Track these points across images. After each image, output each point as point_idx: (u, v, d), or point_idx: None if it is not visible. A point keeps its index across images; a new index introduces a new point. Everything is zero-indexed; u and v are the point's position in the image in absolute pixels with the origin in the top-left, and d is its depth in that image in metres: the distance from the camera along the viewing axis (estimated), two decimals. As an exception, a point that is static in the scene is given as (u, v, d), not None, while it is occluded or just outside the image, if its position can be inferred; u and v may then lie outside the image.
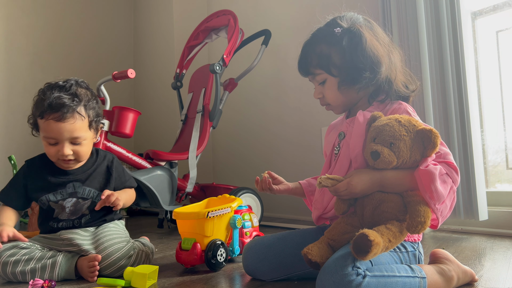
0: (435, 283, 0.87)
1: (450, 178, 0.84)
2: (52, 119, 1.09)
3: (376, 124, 0.89)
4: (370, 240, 0.75)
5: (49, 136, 1.11)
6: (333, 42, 0.99)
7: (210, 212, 1.16)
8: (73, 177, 1.19)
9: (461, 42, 1.56)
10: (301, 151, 2.27)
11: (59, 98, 1.09)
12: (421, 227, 0.80)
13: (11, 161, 2.20)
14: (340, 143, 1.02)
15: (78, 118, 1.11)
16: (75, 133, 1.11)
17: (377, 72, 0.96)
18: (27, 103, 2.89)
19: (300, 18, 2.30)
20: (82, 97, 1.14)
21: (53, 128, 1.09)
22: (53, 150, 1.12)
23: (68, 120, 1.09)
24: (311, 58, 1.02)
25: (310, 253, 0.87)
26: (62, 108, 1.09)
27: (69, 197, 1.17)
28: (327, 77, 1.01)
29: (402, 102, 0.98)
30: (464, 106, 1.56)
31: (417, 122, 0.87)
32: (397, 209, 0.85)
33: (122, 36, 3.32)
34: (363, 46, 0.96)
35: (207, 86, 2.06)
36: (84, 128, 1.14)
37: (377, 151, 0.85)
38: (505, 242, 1.43)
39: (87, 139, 1.16)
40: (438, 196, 0.81)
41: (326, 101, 1.05)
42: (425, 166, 0.83)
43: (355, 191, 0.86)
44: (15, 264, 1.07)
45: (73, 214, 1.19)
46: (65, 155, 1.12)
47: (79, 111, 1.12)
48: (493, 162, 1.76)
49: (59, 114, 1.08)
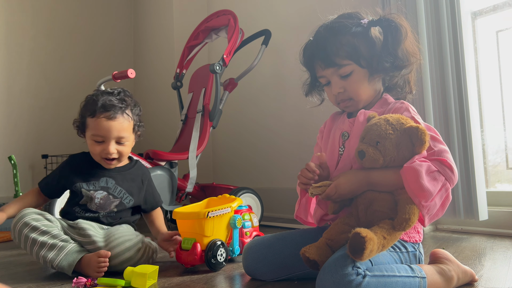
0: (435, 283, 0.87)
1: (442, 176, 0.83)
2: (103, 117, 1.19)
3: (367, 124, 0.91)
4: (362, 237, 0.75)
5: (98, 134, 1.20)
6: (360, 33, 0.97)
7: (210, 212, 1.16)
8: (108, 173, 1.27)
9: (461, 42, 1.56)
10: (301, 151, 2.27)
11: (110, 100, 1.21)
12: (406, 224, 0.80)
13: (11, 161, 2.20)
14: (344, 143, 1.02)
15: (126, 118, 1.23)
16: (122, 132, 1.21)
17: (411, 65, 0.97)
18: (27, 103, 2.88)
19: (300, 18, 2.30)
20: (129, 102, 1.26)
21: (104, 126, 1.19)
22: (99, 148, 1.21)
23: (117, 119, 1.20)
24: (336, 49, 0.97)
25: (308, 251, 0.88)
26: (113, 108, 1.20)
27: (100, 189, 1.24)
28: (355, 69, 0.98)
29: (404, 101, 0.98)
30: (464, 106, 1.56)
31: (407, 120, 0.87)
32: (388, 207, 0.86)
33: (122, 36, 3.32)
34: (403, 37, 0.96)
35: (207, 86, 2.06)
36: (129, 129, 1.24)
37: (363, 150, 0.87)
38: (505, 242, 1.43)
39: (130, 140, 1.26)
40: (424, 193, 0.80)
41: (348, 95, 1.00)
42: (410, 163, 0.83)
43: (344, 193, 0.88)
44: (32, 230, 1.12)
45: (101, 208, 1.23)
46: (110, 153, 1.21)
47: (128, 113, 1.24)
48: (493, 162, 1.76)
49: (110, 113, 1.19)
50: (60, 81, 2.88)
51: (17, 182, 2.20)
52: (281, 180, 2.38)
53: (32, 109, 2.72)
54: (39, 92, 2.80)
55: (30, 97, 2.75)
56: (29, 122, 2.71)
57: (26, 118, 2.72)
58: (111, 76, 1.73)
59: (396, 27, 0.96)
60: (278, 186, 2.39)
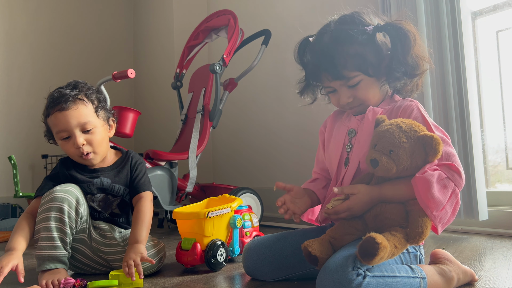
0: (435, 284, 0.87)
1: (452, 182, 0.82)
2: (57, 111, 1.12)
3: (378, 129, 0.88)
4: (377, 243, 0.74)
5: (59, 130, 1.13)
6: (366, 41, 0.94)
7: (210, 212, 1.16)
8: (101, 174, 1.21)
9: (461, 42, 1.56)
10: (301, 151, 2.27)
11: (59, 92, 1.14)
12: (419, 238, 0.80)
13: (11, 161, 2.19)
14: (351, 140, 1.02)
15: (80, 103, 1.14)
16: (81, 118, 1.12)
17: (421, 69, 0.96)
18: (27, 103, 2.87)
19: (300, 18, 2.30)
20: (81, 88, 1.17)
21: (59, 119, 1.11)
22: (69, 145, 1.14)
23: (71, 107, 1.12)
24: (344, 60, 0.94)
25: (310, 246, 0.87)
26: (63, 97, 1.12)
27: (97, 192, 1.19)
28: (363, 78, 0.95)
29: (413, 100, 0.97)
30: (464, 106, 1.55)
31: (419, 127, 0.86)
32: (400, 215, 0.85)
33: (122, 36, 3.32)
34: (412, 43, 0.93)
35: (207, 86, 2.06)
36: (90, 114, 1.15)
37: (376, 159, 0.85)
38: (505, 242, 1.43)
39: (97, 126, 1.16)
40: (436, 203, 0.80)
41: (359, 102, 0.99)
42: (422, 173, 0.82)
43: (356, 214, 0.88)
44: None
45: (104, 209, 1.20)
46: (79, 144, 1.12)
47: (81, 97, 1.15)
48: (493, 162, 1.76)
49: (61, 103, 1.11)
50: (60, 81, 2.87)
51: (17, 182, 2.20)
52: (281, 180, 2.36)
53: (32, 109, 2.72)
54: (39, 92, 2.79)
55: (30, 97, 2.75)
56: (29, 122, 2.71)
57: (26, 118, 2.72)
58: (111, 76, 1.73)
59: (405, 34, 0.93)
60: (278, 186, 2.39)
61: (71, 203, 1.09)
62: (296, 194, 1.02)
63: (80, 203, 1.12)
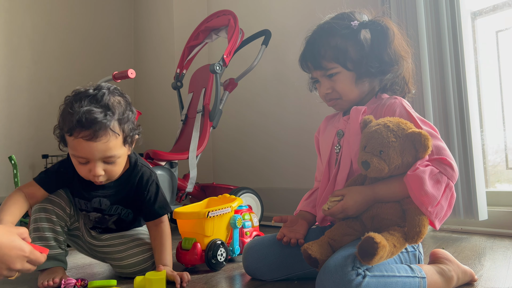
0: (435, 283, 0.87)
1: (445, 176, 0.83)
2: (82, 138, 0.94)
3: (366, 130, 0.89)
4: (376, 242, 0.74)
5: (79, 156, 0.98)
6: (349, 35, 0.97)
7: (210, 212, 1.16)
8: (101, 192, 1.10)
9: (461, 42, 1.56)
10: (300, 152, 2.27)
11: (90, 113, 0.94)
12: (418, 237, 0.80)
13: (11, 161, 2.19)
14: (339, 141, 1.02)
15: (111, 135, 0.97)
16: (108, 152, 0.98)
17: (400, 67, 0.97)
18: (28, 103, 2.88)
19: (300, 18, 2.30)
20: (116, 109, 0.99)
21: (83, 147, 0.95)
22: (84, 169, 1.01)
23: (100, 139, 0.95)
24: (324, 51, 0.98)
25: (310, 248, 0.87)
26: (94, 125, 0.94)
27: (93, 211, 1.13)
28: (341, 71, 0.98)
29: (397, 96, 0.98)
30: (464, 106, 1.56)
31: (407, 125, 0.86)
32: (397, 215, 0.85)
33: (122, 36, 3.32)
34: (390, 40, 0.95)
35: (207, 86, 2.06)
36: (118, 145, 1.00)
37: (367, 161, 0.85)
38: (505, 242, 1.44)
39: (121, 156, 1.03)
40: (430, 199, 0.80)
41: (337, 95, 1.01)
42: (413, 170, 0.82)
43: (351, 214, 0.88)
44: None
45: (99, 224, 1.17)
46: (96, 174, 0.99)
47: (113, 127, 0.97)
48: (493, 162, 1.76)
49: (90, 132, 0.94)
50: (60, 81, 2.88)
51: (17, 182, 2.20)
52: (281, 180, 2.39)
53: (32, 109, 2.72)
54: (39, 92, 2.80)
55: (30, 97, 2.75)
56: (29, 122, 2.71)
57: (26, 118, 2.72)
58: (111, 76, 1.73)
59: (382, 30, 0.96)
60: (278, 186, 2.39)
61: (60, 204, 1.11)
62: (291, 223, 1.06)
63: (67, 204, 1.13)
